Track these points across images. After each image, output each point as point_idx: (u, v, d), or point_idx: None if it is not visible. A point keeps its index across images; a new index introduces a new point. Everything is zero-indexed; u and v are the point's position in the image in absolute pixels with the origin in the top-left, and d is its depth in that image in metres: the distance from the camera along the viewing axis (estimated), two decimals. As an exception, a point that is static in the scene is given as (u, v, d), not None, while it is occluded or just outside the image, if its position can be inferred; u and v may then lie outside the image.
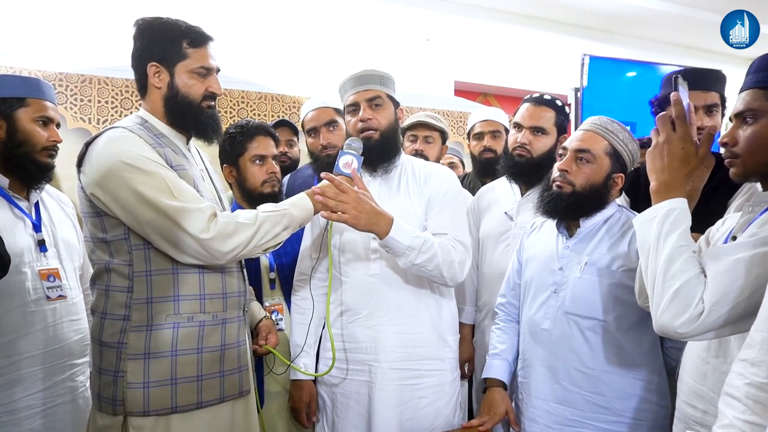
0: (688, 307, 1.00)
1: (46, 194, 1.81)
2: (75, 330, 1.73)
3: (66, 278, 1.71)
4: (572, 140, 1.55)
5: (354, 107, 1.70)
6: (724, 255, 1.01)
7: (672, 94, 1.15)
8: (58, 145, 1.74)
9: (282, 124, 2.57)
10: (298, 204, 1.46)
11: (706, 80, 1.68)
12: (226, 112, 2.92)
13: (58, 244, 1.74)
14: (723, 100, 1.70)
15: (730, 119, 1.14)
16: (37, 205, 1.73)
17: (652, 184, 1.14)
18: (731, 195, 1.49)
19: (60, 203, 1.85)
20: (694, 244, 1.08)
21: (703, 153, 1.13)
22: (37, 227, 1.69)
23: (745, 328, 1.01)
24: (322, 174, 1.51)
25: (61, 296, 1.68)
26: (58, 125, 1.76)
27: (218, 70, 1.47)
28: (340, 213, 1.46)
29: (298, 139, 2.60)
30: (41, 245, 1.68)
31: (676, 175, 1.11)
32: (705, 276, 1.02)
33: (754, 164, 1.08)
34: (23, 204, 1.68)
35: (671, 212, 1.08)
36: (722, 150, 1.16)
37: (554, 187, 1.54)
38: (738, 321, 1.00)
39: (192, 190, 1.36)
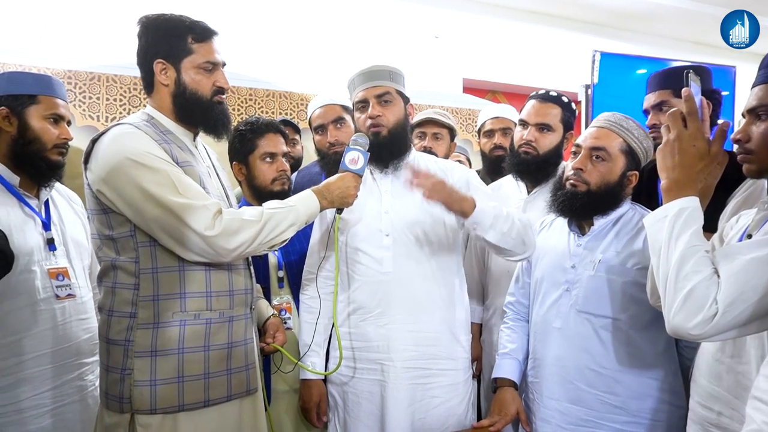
0: (701, 309, 0.97)
1: (56, 192, 1.80)
2: (84, 329, 1.72)
3: (75, 277, 1.71)
4: (586, 138, 1.52)
5: (363, 104, 1.68)
6: (738, 254, 0.99)
7: (683, 90, 1.12)
8: (69, 142, 1.73)
9: (284, 123, 2.56)
10: (304, 201, 1.45)
11: (661, 80, 1.72)
12: (233, 110, 2.92)
13: (67, 243, 1.74)
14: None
15: (743, 115, 1.11)
16: (47, 203, 1.73)
17: (663, 183, 1.12)
18: (731, 192, 1.46)
19: (70, 201, 1.85)
20: (706, 244, 1.05)
21: (715, 150, 1.10)
22: (46, 225, 1.69)
23: (762, 328, 0.99)
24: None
25: (70, 295, 1.67)
26: (69, 123, 1.76)
27: (224, 64, 1.46)
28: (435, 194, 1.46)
29: (300, 137, 2.59)
30: (50, 244, 1.67)
31: (687, 173, 1.08)
32: (718, 276, 0.99)
33: None
34: (33, 202, 1.68)
35: (683, 211, 1.05)
36: (735, 147, 1.13)
37: (568, 186, 1.51)
38: (754, 321, 0.97)
39: (197, 187, 1.35)
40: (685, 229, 1.04)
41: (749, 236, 1.09)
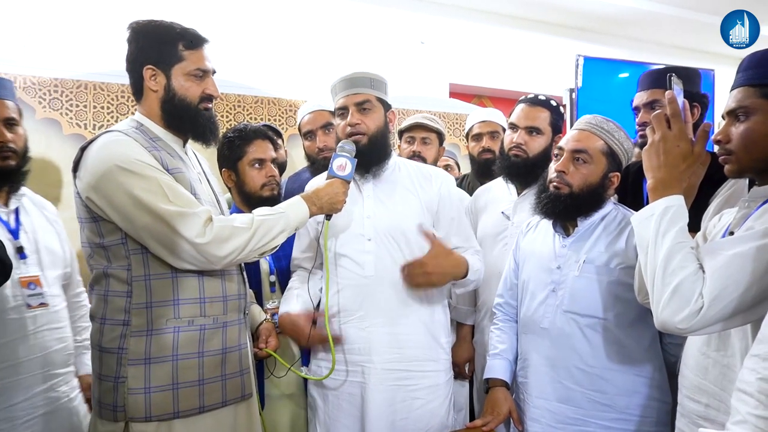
0: (688, 303, 1.01)
1: (28, 200, 1.75)
2: (57, 339, 1.68)
3: (47, 285, 1.65)
4: (568, 140, 1.55)
5: (343, 111, 1.70)
6: (722, 250, 1.03)
7: (667, 92, 1.16)
8: (12, 144, 1.65)
9: (266, 128, 2.57)
10: (294, 207, 1.46)
11: (653, 79, 1.76)
12: (222, 116, 2.92)
13: (39, 251, 1.69)
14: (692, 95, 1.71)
15: (723, 117, 1.15)
16: (17, 211, 1.68)
17: (649, 182, 1.16)
18: (714, 191, 1.50)
19: (42, 209, 1.80)
20: (691, 240, 1.10)
21: (698, 150, 1.15)
22: (14, 233, 1.64)
23: (745, 321, 1.03)
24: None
25: (42, 304, 1.62)
26: (9, 121, 1.66)
27: (214, 72, 1.47)
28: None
29: (283, 142, 2.60)
30: (20, 252, 1.63)
31: (672, 173, 1.13)
32: (704, 271, 1.03)
33: (749, 161, 1.10)
34: (2, 210, 1.64)
35: (668, 209, 1.10)
36: (716, 147, 1.17)
37: (551, 188, 1.54)
38: (738, 314, 1.01)
39: (188, 194, 1.35)
40: (671, 226, 1.08)
41: (731, 233, 1.13)
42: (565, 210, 1.53)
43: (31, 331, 1.61)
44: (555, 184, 1.53)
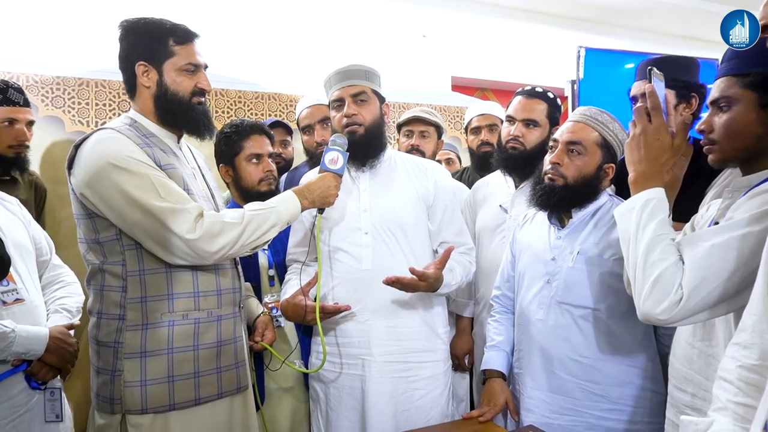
0: (667, 294, 1.02)
1: None
2: None
3: (21, 281, 1.57)
4: (563, 132, 1.55)
5: (339, 103, 1.71)
6: (700, 241, 1.04)
7: (646, 86, 1.18)
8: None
9: (276, 124, 2.57)
10: (285, 201, 1.47)
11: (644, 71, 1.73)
12: (223, 112, 2.93)
13: (8, 247, 1.55)
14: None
15: (707, 106, 1.15)
16: None
17: (631, 176, 1.17)
18: (709, 183, 1.49)
19: (3, 202, 1.69)
20: (672, 233, 1.10)
21: (678, 143, 1.16)
22: None
23: (729, 310, 1.03)
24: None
25: (18, 300, 1.54)
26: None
27: (206, 67, 1.48)
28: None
29: (292, 138, 2.61)
30: None
31: (652, 166, 1.14)
32: (683, 263, 1.04)
33: (732, 150, 1.10)
34: None
35: (649, 202, 1.11)
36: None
37: (546, 180, 1.54)
38: (720, 304, 1.01)
39: (179, 190, 1.36)
40: (652, 219, 1.09)
41: (716, 224, 1.13)
42: (560, 202, 1.53)
43: None
44: (549, 175, 1.53)
